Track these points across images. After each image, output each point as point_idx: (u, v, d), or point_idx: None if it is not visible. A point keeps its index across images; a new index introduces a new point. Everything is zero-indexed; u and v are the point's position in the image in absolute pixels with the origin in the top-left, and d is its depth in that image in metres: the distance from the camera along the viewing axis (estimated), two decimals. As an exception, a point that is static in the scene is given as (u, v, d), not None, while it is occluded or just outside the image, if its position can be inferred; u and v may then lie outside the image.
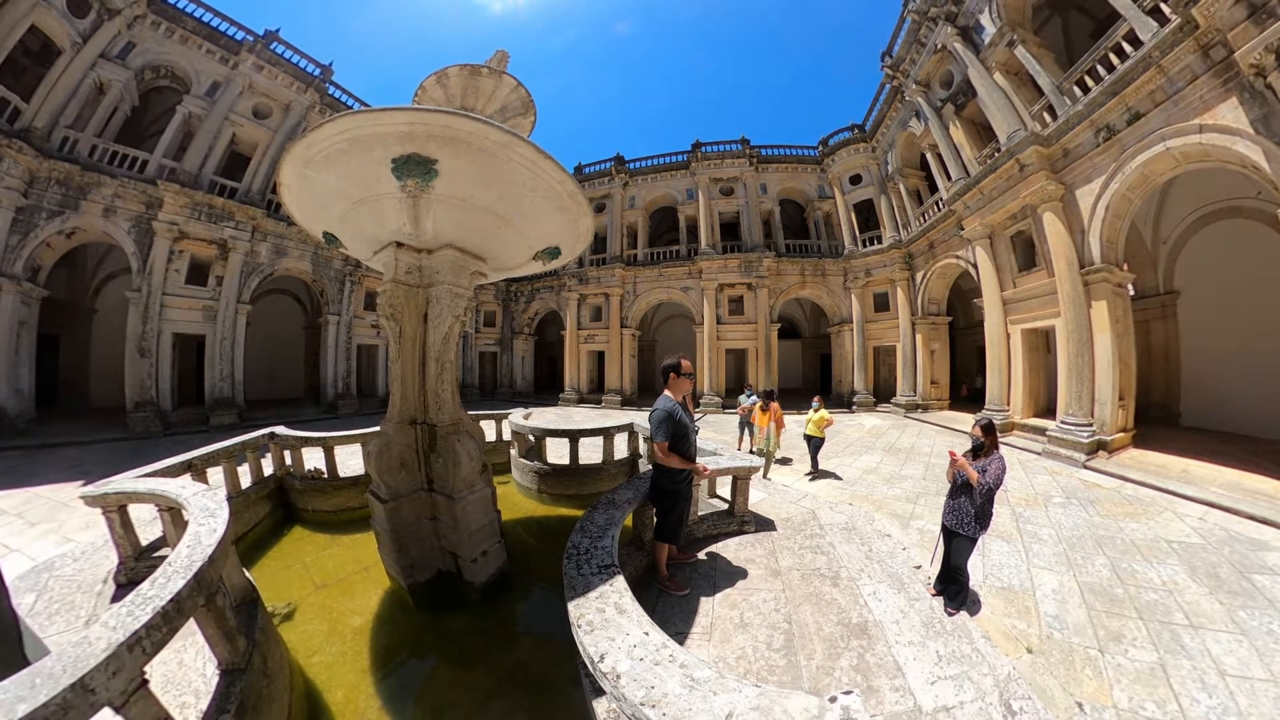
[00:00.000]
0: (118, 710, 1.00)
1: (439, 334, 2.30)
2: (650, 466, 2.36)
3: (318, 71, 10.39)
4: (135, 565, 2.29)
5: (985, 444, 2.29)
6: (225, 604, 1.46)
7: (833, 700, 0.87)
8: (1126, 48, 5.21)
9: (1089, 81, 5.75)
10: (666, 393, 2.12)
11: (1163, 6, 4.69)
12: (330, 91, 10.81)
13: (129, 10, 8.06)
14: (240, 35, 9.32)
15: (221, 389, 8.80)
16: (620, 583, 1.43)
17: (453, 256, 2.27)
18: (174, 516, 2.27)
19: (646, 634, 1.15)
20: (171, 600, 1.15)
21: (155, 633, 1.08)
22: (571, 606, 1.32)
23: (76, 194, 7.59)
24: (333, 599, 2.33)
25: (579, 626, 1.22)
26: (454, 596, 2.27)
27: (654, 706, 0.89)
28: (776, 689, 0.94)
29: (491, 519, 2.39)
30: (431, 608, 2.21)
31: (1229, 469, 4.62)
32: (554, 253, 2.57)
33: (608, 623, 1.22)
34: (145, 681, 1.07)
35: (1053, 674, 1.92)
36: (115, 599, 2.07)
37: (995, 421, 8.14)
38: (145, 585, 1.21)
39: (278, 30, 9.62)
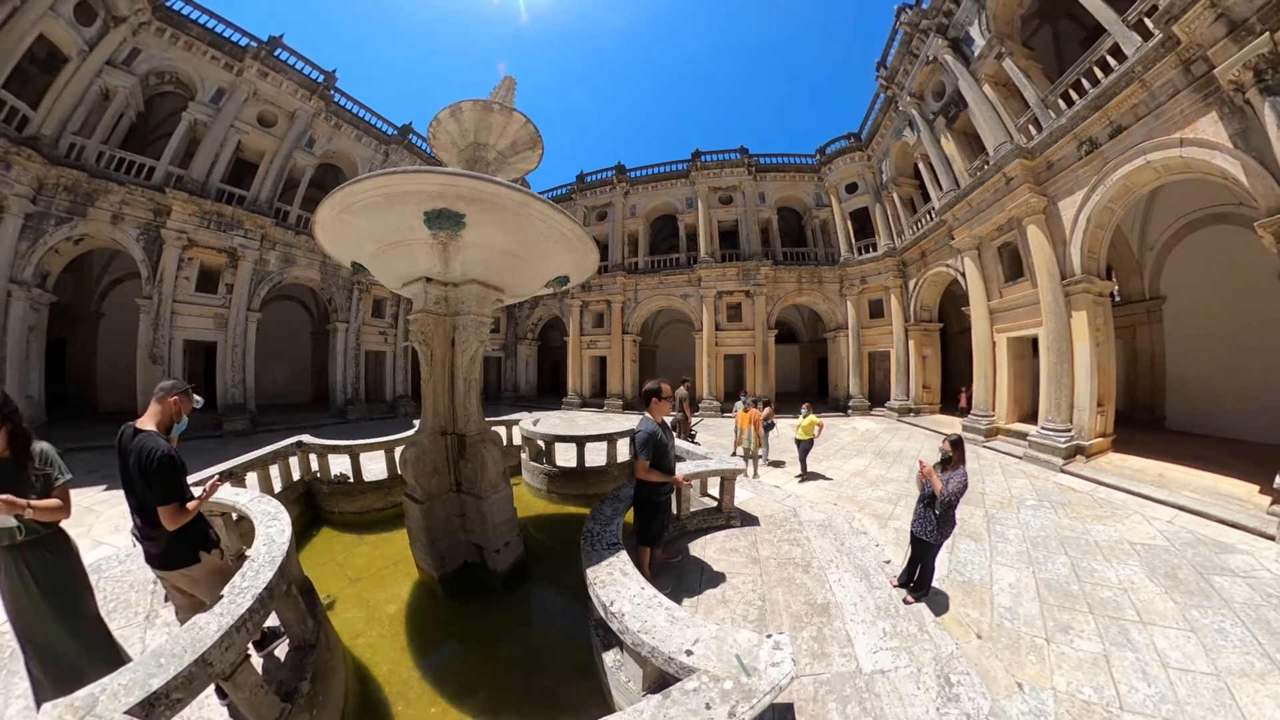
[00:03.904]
0: (227, 679, 1.23)
1: (466, 356, 2.55)
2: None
3: (321, 78, 10.48)
4: (187, 566, 2.52)
5: (953, 459, 2.50)
6: (296, 591, 1.71)
7: (768, 636, 1.21)
8: (1111, 61, 5.33)
9: (1073, 95, 5.89)
10: (647, 414, 2.35)
11: (1146, 21, 4.79)
12: (335, 99, 10.90)
13: (134, 17, 8.14)
14: (245, 42, 9.40)
15: (234, 395, 8.96)
16: (624, 555, 1.80)
17: (477, 290, 2.51)
18: (225, 521, 2.50)
19: (642, 589, 1.56)
20: (265, 589, 1.40)
21: (255, 615, 1.33)
22: (589, 572, 1.67)
23: (84, 201, 7.69)
24: (368, 590, 2.58)
25: (594, 585, 1.58)
26: (478, 584, 2.54)
27: (647, 633, 1.30)
28: (731, 627, 1.32)
29: (512, 515, 2.66)
30: (459, 595, 2.47)
31: (1206, 473, 4.69)
32: (563, 281, 2.83)
33: (615, 581, 1.61)
34: (248, 656, 1.32)
35: (998, 658, 2.10)
36: (169, 598, 2.17)
37: (982, 426, 8.34)
38: (237, 578, 1.46)
39: (281, 36, 9.70)
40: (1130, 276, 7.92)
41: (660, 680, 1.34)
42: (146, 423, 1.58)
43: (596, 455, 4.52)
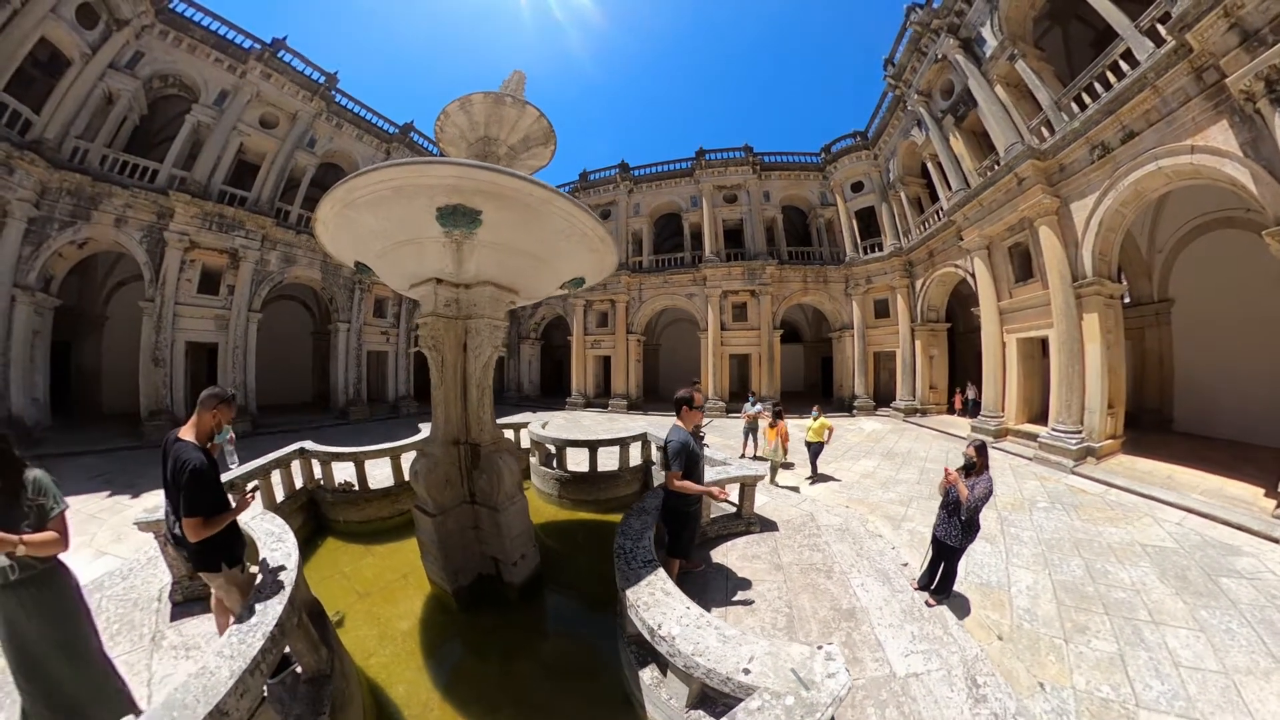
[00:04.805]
0: None
1: (479, 363, 2.46)
2: (662, 483, 2.53)
3: (323, 79, 10.44)
4: (190, 584, 2.34)
5: (977, 464, 2.49)
6: (306, 619, 1.62)
7: (819, 648, 1.26)
8: (1123, 66, 5.34)
9: (1086, 98, 5.88)
10: (678, 423, 2.25)
11: (1159, 28, 4.80)
12: (337, 100, 10.86)
13: (137, 20, 8.11)
14: (248, 44, 9.37)
15: (234, 397, 8.93)
16: (661, 573, 1.75)
17: (491, 292, 2.43)
18: None
19: (688, 608, 1.51)
20: (276, 625, 1.30)
21: (268, 655, 1.23)
22: (628, 594, 1.60)
23: (88, 204, 7.66)
24: (378, 606, 2.50)
25: (636, 607, 1.52)
26: (494, 597, 2.46)
27: (702, 655, 1.28)
28: (782, 641, 1.34)
29: (528, 526, 2.59)
30: (473, 608, 2.39)
31: (1213, 475, 4.76)
32: (579, 282, 2.76)
33: (658, 602, 1.56)
34: (264, 698, 1.24)
35: (1019, 658, 2.15)
36: (174, 617, 2.15)
37: (991, 427, 8.27)
38: (245, 612, 1.36)
39: (284, 38, 9.66)
40: (1139, 278, 7.88)
41: (702, 695, 1.33)
42: (187, 431, 1.57)
43: (608, 459, 4.45)
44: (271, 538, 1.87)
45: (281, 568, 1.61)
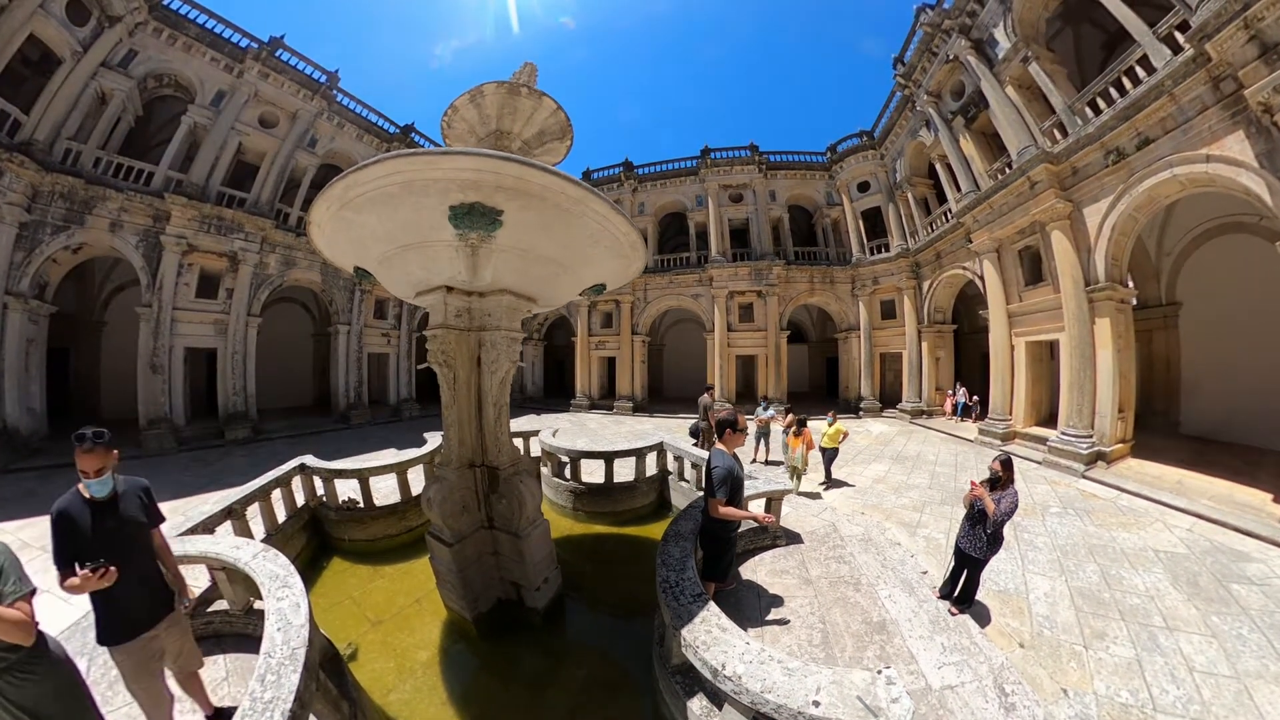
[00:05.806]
0: None
1: (495, 379, 2.32)
2: (693, 505, 2.49)
3: (324, 78, 10.25)
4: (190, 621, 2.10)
5: (1002, 479, 2.49)
6: (324, 677, 1.45)
7: (879, 673, 1.28)
8: (1139, 72, 5.29)
9: (1101, 103, 5.82)
10: (721, 447, 2.16)
11: (1177, 36, 4.76)
12: (338, 99, 10.68)
13: (130, 17, 7.89)
14: (245, 43, 9.17)
15: (235, 403, 8.74)
16: (713, 606, 1.65)
17: (508, 301, 2.28)
18: (229, 574, 2.12)
19: (748, 644, 1.46)
20: (295, 700, 1.12)
21: None
22: (685, 633, 1.54)
23: (81, 208, 7.46)
24: (392, 635, 2.38)
25: (695, 647, 1.48)
26: (516, 622, 2.36)
27: (770, 692, 1.26)
28: (844, 669, 1.35)
29: (550, 548, 2.48)
30: (495, 635, 2.29)
31: (1221, 480, 4.77)
32: (600, 289, 2.63)
33: (717, 640, 1.49)
34: None
35: (1042, 665, 2.18)
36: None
37: (999, 430, 8.21)
38: (256, 685, 1.16)
39: (282, 37, 9.46)
40: (1147, 281, 7.86)
41: (756, 724, 1.29)
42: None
43: (623, 469, 4.33)
44: (276, 581, 1.62)
45: (291, 623, 1.37)
